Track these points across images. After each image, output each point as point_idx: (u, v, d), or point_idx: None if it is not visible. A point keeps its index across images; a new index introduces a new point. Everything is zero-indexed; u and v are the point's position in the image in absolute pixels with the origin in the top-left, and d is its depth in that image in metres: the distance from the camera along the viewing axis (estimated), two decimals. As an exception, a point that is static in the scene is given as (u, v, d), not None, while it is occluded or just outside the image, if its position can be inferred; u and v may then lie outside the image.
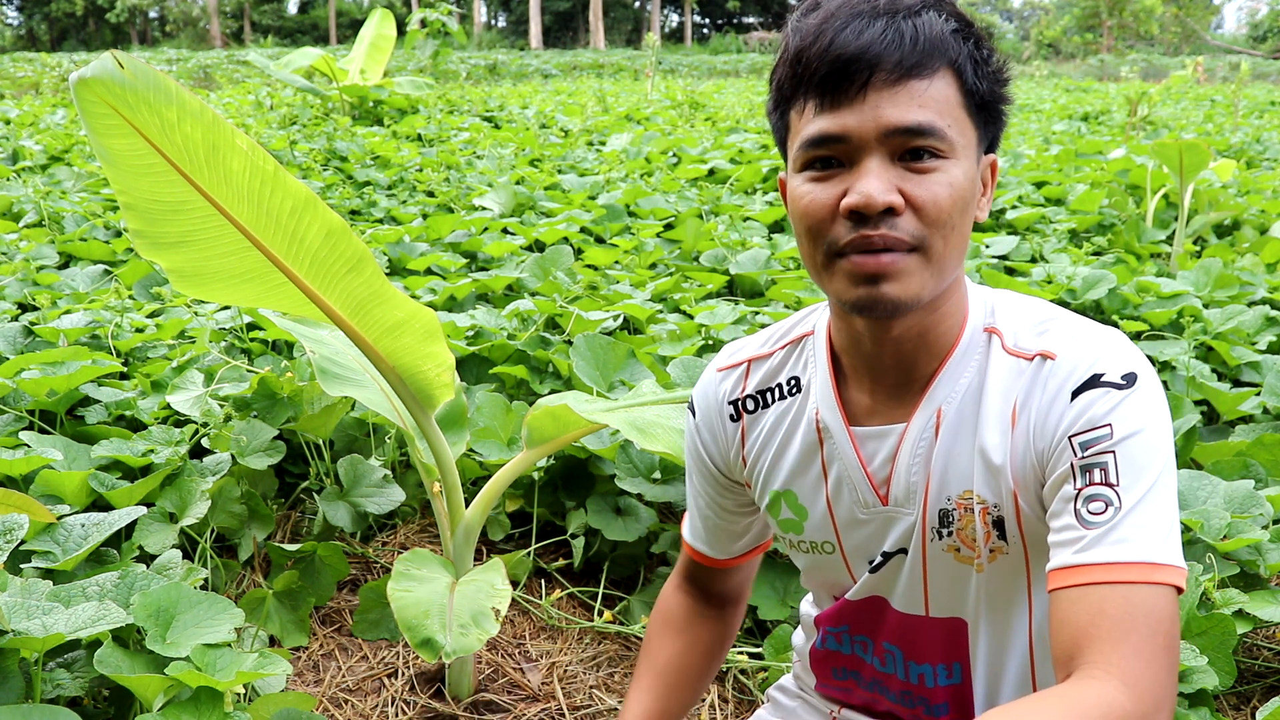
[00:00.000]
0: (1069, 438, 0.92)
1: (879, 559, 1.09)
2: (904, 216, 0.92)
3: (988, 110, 0.98)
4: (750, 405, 1.15)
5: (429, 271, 4.10)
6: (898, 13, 0.92)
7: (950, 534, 1.03)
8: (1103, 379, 0.93)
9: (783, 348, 1.15)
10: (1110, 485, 0.88)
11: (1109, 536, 0.87)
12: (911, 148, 0.92)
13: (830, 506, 1.10)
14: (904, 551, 1.07)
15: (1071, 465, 0.91)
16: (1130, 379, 0.92)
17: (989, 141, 1.01)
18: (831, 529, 1.11)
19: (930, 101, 0.91)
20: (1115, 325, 3.34)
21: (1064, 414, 0.93)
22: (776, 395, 1.13)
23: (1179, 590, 0.87)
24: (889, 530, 1.07)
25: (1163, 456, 0.90)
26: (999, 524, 1.00)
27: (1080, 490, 0.90)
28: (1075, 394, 0.93)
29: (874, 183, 0.91)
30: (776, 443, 1.13)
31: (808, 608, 1.29)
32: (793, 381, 1.12)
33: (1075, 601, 0.86)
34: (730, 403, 1.16)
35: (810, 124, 0.94)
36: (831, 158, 0.94)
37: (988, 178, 1.02)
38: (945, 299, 1.01)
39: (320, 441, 2.40)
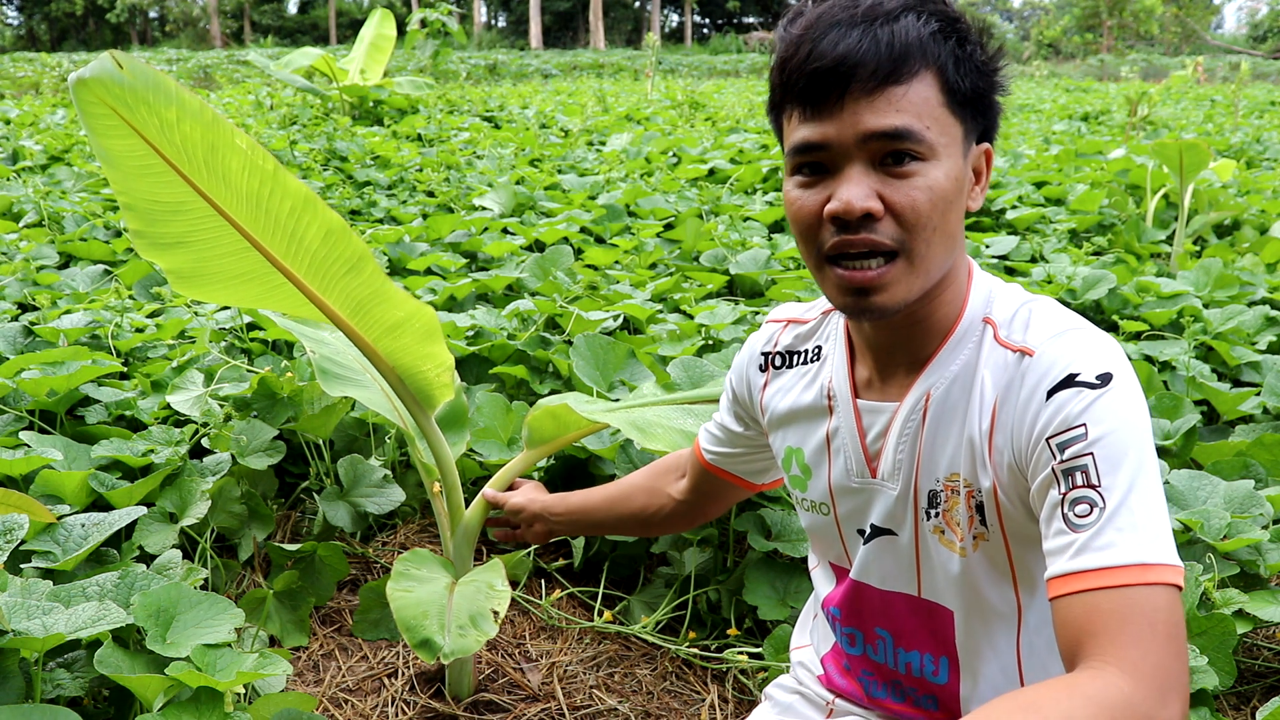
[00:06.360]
0: (1046, 439, 0.93)
1: (869, 530, 1.13)
2: (884, 220, 0.95)
3: (974, 105, 1.00)
4: (777, 361, 1.24)
5: (429, 271, 4.10)
6: (875, 19, 0.94)
7: (937, 514, 1.06)
8: (1077, 379, 0.93)
9: (819, 316, 1.22)
10: (1093, 486, 0.89)
11: (1097, 540, 0.87)
12: (891, 151, 0.95)
13: (830, 469, 1.16)
14: (893, 533, 1.11)
15: (1053, 470, 0.92)
16: (1105, 379, 0.93)
17: (980, 132, 1.03)
18: (828, 492, 1.17)
19: (908, 105, 0.94)
20: (1115, 325, 3.35)
21: (1039, 414, 0.95)
22: (800, 359, 1.21)
23: (1178, 588, 0.87)
24: (875, 503, 1.12)
25: (1140, 453, 0.90)
26: (980, 509, 1.03)
27: (1065, 495, 0.91)
28: (1050, 394, 0.94)
29: (853, 189, 0.94)
30: (791, 402, 1.20)
31: (820, 583, 1.31)
32: (816, 350, 1.20)
33: (1073, 606, 0.87)
34: (762, 354, 1.26)
35: (796, 131, 0.98)
36: (817, 163, 0.98)
37: (981, 166, 1.04)
38: (942, 288, 1.04)
39: (320, 441, 2.40)
